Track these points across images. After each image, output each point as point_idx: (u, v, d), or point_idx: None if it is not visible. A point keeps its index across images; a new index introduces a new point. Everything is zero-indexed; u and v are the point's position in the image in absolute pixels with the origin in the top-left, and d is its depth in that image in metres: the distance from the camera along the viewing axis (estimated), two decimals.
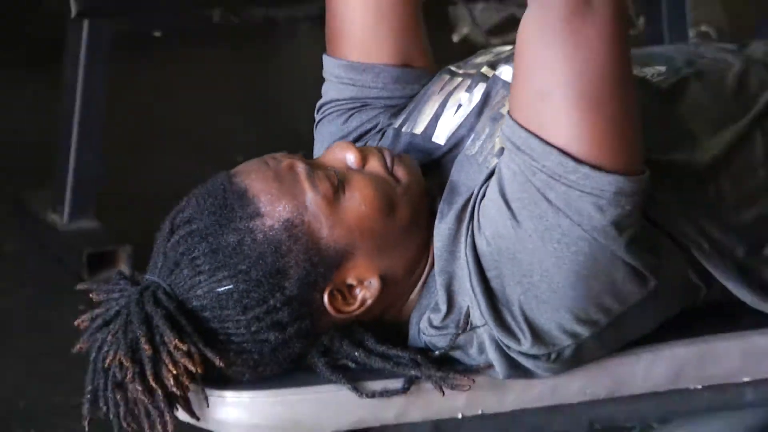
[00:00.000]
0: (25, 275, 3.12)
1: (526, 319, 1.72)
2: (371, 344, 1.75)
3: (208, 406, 1.73)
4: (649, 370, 1.89)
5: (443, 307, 1.76)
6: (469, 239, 1.74)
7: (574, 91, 1.64)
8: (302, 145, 1.99)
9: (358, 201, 1.75)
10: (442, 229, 1.77)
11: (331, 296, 1.72)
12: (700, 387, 1.90)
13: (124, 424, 1.70)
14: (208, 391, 1.72)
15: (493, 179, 1.72)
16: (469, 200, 1.76)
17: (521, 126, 1.67)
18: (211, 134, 1.75)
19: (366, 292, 1.75)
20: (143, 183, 1.70)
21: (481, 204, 1.73)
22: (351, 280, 1.74)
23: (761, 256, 1.88)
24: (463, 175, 1.83)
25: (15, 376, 3.00)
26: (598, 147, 1.65)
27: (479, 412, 1.82)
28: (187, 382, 1.67)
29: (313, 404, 1.81)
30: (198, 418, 1.74)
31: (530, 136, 1.66)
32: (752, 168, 1.90)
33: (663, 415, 2.22)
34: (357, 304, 1.74)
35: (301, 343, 1.73)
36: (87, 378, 1.73)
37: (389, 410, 1.79)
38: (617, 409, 1.96)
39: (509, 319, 1.72)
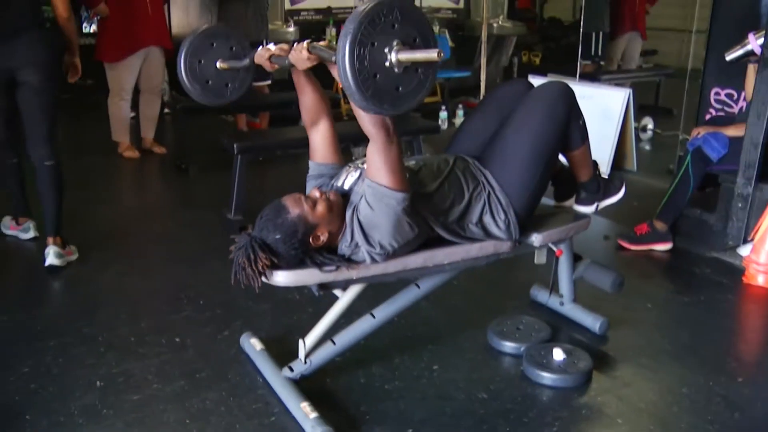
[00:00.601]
0: (219, 236, 3.21)
1: (379, 242, 2.07)
2: (325, 254, 2.11)
3: (272, 275, 2.06)
4: (415, 259, 2.19)
5: (349, 240, 2.10)
6: (356, 216, 2.07)
7: (386, 167, 1.97)
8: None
9: (320, 208, 2.07)
10: (347, 213, 2.10)
11: (312, 239, 2.07)
12: (431, 265, 2.23)
13: (244, 283, 2.02)
14: (273, 271, 2.06)
15: (363, 196, 2.05)
16: (356, 204, 2.07)
17: (370, 179, 2.02)
18: (281, 188, 2.14)
19: (323, 237, 2.09)
20: (256, 203, 2.07)
21: (360, 204, 2.06)
22: (319, 233, 2.08)
23: (449, 220, 2.22)
24: (354, 197, 2.12)
25: (211, 270, 3.22)
26: (394, 184, 1.99)
27: (362, 276, 2.14)
28: (265, 268, 2.03)
29: (305, 274, 2.09)
30: (268, 279, 2.07)
31: (372, 181, 2.01)
32: (446, 193, 2.22)
33: (421, 276, 2.33)
34: (320, 241, 2.09)
35: (302, 255, 2.08)
36: (232, 266, 2.04)
37: (330, 276, 2.10)
38: (410, 274, 2.24)
39: (372, 242, 2.07)
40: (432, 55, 1.69)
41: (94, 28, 7.32)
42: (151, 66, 5.37)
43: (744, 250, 3.44)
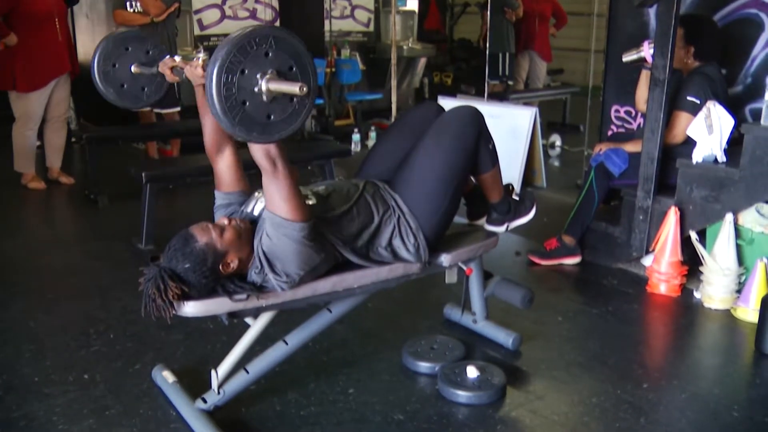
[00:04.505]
0: (129, 267, 3.06)
1: (283, 270, 2.08)
2: (235, 282, 2.10)
3: (181, 306, 2.04)
4: (324, 284, 2.20)
5: (258, 267, 2.10)
6: (260, 245, 2.08)
7: (279, 197, 1.98)
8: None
9: (228, 235, 2.07)
10: (255, 242, 2.10)
11: (223, 266, 2.06)
12: (341, 289, 2.24)
13: (155, 315, 2.00)
14: (183, 302, 2.03)
15: (264, 227, 2.07)
16: (261, 233, 2.07)
17: (268, 209, 2.03)
18: (193, 216, 2.08)
19: (234, 264, 2.08)
20: (168, 232, 2.04)
21: (262, 234, 2.07)
22: (228, 261, 2.07)
23: (358, 245, 2.24)
24: (261, 224, 2.10)
25: (122, 297, 3.20)
26: (290, 214, 1.99)
27: (271, 303, 2.13)
28: (175, 298, 2.01)
29: (214, 304, 2.07)
30: (177, 311, 2.04)
31: (269, 212, 2.03)
32: (353, 217, 2.23)
33: (332, 301, 2.34)
34: (230, 269, 2.08)
35: (213, 283, 2.06)
36: (142, 298, 2.02)
37: (240, 305, 2.08)
38: (321, 299, 2.25)
39: (277, 270, 2.08)
40: (294, 88, 1.71)
41: None
42: (60, 93, 5.26)
43: (647, 261, 3.58)
